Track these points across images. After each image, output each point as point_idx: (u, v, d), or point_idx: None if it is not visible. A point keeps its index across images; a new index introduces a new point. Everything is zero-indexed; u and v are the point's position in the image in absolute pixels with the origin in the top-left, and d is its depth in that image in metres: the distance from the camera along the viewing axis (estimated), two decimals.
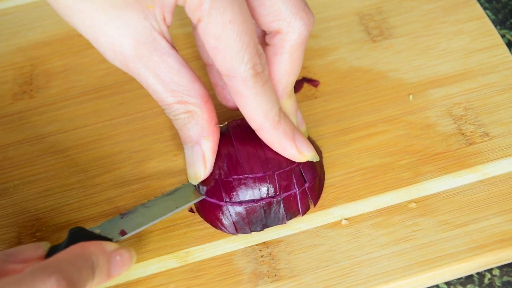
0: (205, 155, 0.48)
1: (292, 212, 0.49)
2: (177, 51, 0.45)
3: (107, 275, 0.42)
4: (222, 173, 0.48)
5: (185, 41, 0.62)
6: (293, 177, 0.48)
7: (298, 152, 0.48)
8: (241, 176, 0.48)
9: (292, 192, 0.49)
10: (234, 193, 0.48)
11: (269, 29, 0.46)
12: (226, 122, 0.51)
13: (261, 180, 0.48)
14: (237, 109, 0.55)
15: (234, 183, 0.48)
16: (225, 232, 0.49)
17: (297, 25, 0.46)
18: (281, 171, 0.48)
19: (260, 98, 0.45)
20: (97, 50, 0.44)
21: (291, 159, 0.49)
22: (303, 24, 0.46)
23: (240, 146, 0.49)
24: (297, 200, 0.49)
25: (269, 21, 0.46)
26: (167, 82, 0.45)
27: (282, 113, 0.47)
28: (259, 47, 0.44)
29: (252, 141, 0.49)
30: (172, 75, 0.44)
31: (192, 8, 0.42)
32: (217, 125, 0.48)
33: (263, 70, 0.44)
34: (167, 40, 0.44)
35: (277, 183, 0.48)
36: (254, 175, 0.48)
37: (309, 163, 0.49)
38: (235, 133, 0.50)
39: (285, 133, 0.47)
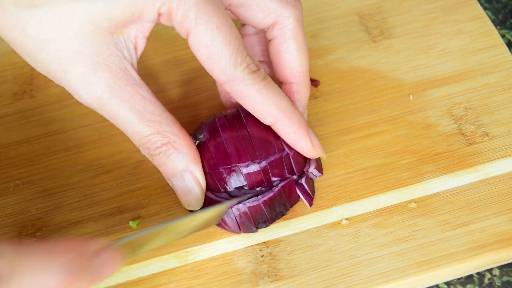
0: (197, 177, 0.48)
1: (294, 201, 0.50)
2: (144, 83, 0.45)
3: (91, 279, 0.37)
4: (212, 164, 0.48)
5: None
6: (284, 165, 0.49)
7: (311, 145, 0.48)
8: (229, 166, 0.48)
9: (287, 181, 0.49)
10: (228, 183, 0.48)
11: (265, 24, 0.48)
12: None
13: (255, 173, 0.48)
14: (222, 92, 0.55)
15: (224, 173, 0.48)
16: (228, 230, 0.49)
17: (289, 10, 0.47)
18: (272, 159, 0.48)
19: (266, 91, 0.45)
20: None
21: (303, 153, 0.49)
22: (293, 7, 0.47)
23: (227, 136, 0.49)
24: (295, 188, 0.50)
25: (262, 17, 0.47)
26: (142, 112, 0.44)
27: (295, 106, 0.47)
28: (249, 50, 0.45)
29: (239, 130, 0.49)
30: (146, 105, 0.44)
31: (178, 22, 0.43)
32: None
33: (259, 69, 0.45)
34: (136, 72, 0.45)
35: (269, 172, 0.48)
36: (244, 165, 0.48)
37: (298, 154, 0.50)
38: (222, 124, 0.50)
39: (300, 124, 0.47)
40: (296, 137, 0.48)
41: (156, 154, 0.46)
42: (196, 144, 0.50)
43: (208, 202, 0.49)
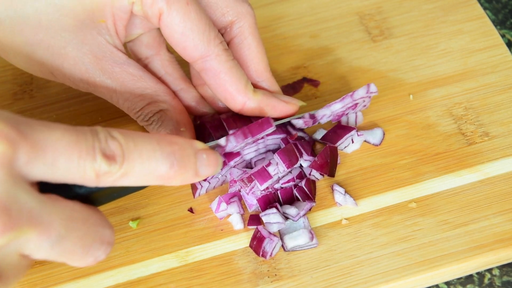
0: None
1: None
2: (134, 60, 0.48)
3: (194, 173, 0.39)
4: None
5: None
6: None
7: (286, 103, 0.50)
8: None
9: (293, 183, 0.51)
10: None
11: (224, 22, 0.50)
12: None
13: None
14: (198, 113, 0.54)
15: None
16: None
17: (244, 8, 0.49)
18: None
19: (235, 72, 0.48)
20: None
21: (284, 115, 0.51)
22: (248, 6, 0.50)
23: (231, 126, 0.51)
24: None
25: (221, 15, 0.49)
26: (133, 88, 0.47)
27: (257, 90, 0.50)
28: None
29: (244, 122, 0.51)
30: (136, 81, 0.47)
31: (149, 4, 0.44)
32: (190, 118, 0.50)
33: (228, 48, 0.48)
34: (123, 52, 0.47)
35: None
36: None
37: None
38: (224, 118, 0.51)
39: (267, 96, 0.50)
40: (273, 108, 0.50)
41: (149, 123, 0.48)
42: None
43: None
